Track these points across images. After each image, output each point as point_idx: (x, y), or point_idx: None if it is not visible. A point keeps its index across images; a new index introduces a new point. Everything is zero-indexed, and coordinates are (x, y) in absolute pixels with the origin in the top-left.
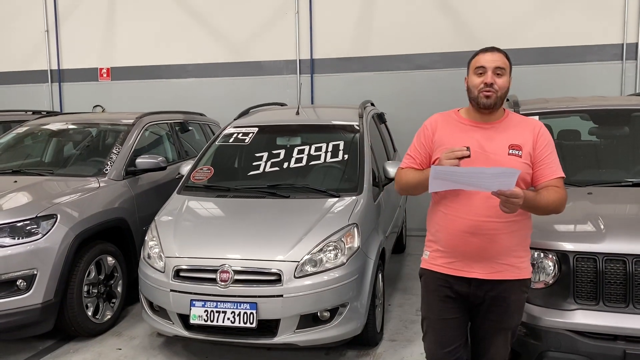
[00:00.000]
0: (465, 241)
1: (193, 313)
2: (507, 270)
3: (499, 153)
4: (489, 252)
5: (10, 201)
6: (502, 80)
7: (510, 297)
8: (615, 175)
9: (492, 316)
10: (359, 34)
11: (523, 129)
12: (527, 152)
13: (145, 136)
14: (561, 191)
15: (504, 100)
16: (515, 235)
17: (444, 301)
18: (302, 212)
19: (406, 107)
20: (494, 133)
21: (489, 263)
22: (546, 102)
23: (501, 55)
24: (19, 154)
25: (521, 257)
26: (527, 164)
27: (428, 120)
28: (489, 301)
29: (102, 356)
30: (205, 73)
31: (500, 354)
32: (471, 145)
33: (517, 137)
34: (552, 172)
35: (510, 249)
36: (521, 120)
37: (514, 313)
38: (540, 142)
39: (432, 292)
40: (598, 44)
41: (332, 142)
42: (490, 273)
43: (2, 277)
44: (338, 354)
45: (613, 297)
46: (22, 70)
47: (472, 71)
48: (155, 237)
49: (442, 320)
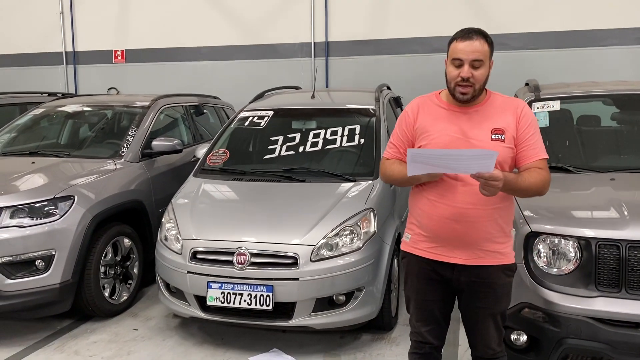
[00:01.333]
0: (448, 227)
1: (210, 295)
2: (489, 256)
3: (481, 139)
4: (471, 238)
5: (28, 182)
6: (480, 73)
7: (495, 282)
8: (639, 161)
9: (480, 302)
10: (375, 16)
11: (505, 111)
12: (510, 136)
13: (161, 119)
14: (544, 173)
15: (482, 89)
16: (497, 222)
17: (426, 282)
18: (318, 196)
19: (423, 90)
20: (476, 116)
21: (471, 249)
22: (567, 87)
23: (480, 43)
24: (35, 136)
25: (503, 243)
26: (511, 148)
27: (409, 106)
28: (474, 287)
29: (118, 336)
30: (219, 56)
31: (493, 338)
32: (453, 132)
33: (499, 121)
34: (535, 154)
35: (492, 235)
36: (503, 101)
37: (501, 297)
38: (523, 123)
39: (416, 274)
40: (619, 27)
41: (348, 126)
42: (472, 259)
43: (21, 257)
44: (353, 337)
45: (636, 284)
46: (38, 52)
47: (449, 61)
48: (172, 219)
49: (425, 301)
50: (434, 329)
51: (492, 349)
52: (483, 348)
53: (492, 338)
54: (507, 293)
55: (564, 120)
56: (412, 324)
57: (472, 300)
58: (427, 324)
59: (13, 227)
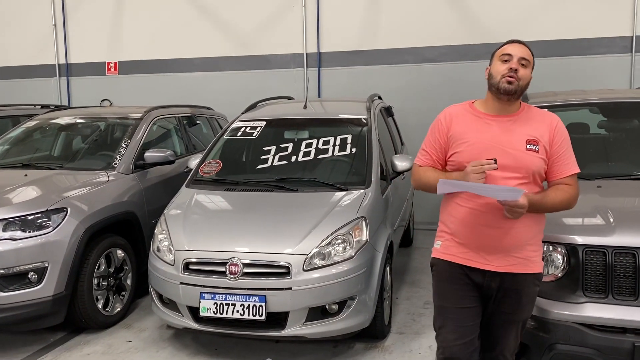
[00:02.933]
0: (481, 233)
1: (202, 305)
2: (521, 264)
3: (516, 147)
4: (503, 245)
5: (21, 195)
6: (526, 71)
7: (523, 289)
8: (625, 168)
9: (505, 308)
10: (367, 26)
11: (540, 123)
12: (542, 147)
13: (154, 130)
14: (571, 189)
15: (523, 92)
16: (530, 229)
17: (461, 289)
18: (311, 205)
19: (414, 100)
20: (511, 125)
21: (504, 256)
22: (555, 95)
23: (527, 49)
24: (28, 148)
25: (535, 251)
26: (543, 159)
27: (442, 114)
28: (502, 293)
29: (112, 348)
30: (212, 67)
31: (510, 346)
32: (488, 140)
33: (534, 131)
34: (567, 170)
35: (525, 242)
36: (538, 113)
37: (526, 305)
38: (557, 138)
39: (447, 280)
40: (607, 36)
41: (339, 135)
42: (504, 266)
43: (14, 270)
44: (346, 346)
45: (622, 290)
46: (31, 65)
47: (497, 59)
48: (165, 230)
49: (459, 309)
50: (466, 344)
51: (505, 357)
52: (498, 354)
53: (509, 345)
54: (532, 301)
55: None
56: (442, 337)
57: (498, 306)
58: (460, 337)
59: (6, 239)
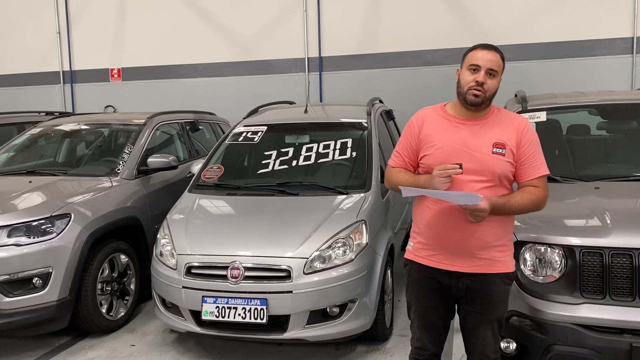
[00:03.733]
0: (447, 234)
1: (205, 309)
2: (487, 264)
3: (483, 151)
4: (469, 246)
5: (25, 201)
6: (493, 82)
7: (491, 289)
8: (623, 169)
9: (476, 308)
10: (367, 31)
11: (508, 127)
12: (509, 150)
13: (157, 136)
14: (538, 192)
15: (491, 100)
16: (495, 231)
17: (427, 290)
18: (311, 209)
19: (415, 103)
20: (480, 129)
21: (469, 256)
22: (554, 97)
23: (497, 56)
24: (33, 155)
25: (502, 252)
26: (510, 162)
27: (414, 116)
28: (471, 294)
29: (116, 352)
30: (214, 72)
31: (489, 345)
32: (456, 143)
33: (501, 135)
34: (534, 172)
35: (490, 244)
36: (507, 116)
37: (498, 304)
38: (525, 141)
39: (416, 281)
40: (608, 37)
41: (340, 139)
42: (470, 267)
43: (19, 275)
44: (348, 349)
45: (619, 291)
46: (35, 72)
47: (465, 66)
48: (167, 235)
49: (425, 308)
50: (433, 336)
51: (487, 356)
52: (479, 355)
53: (488, 345)
54: (504, 300)
55: (552, 131)
56: (413, 330)
57: (469, 306)
58: (427, 330)
59: (10, 245)
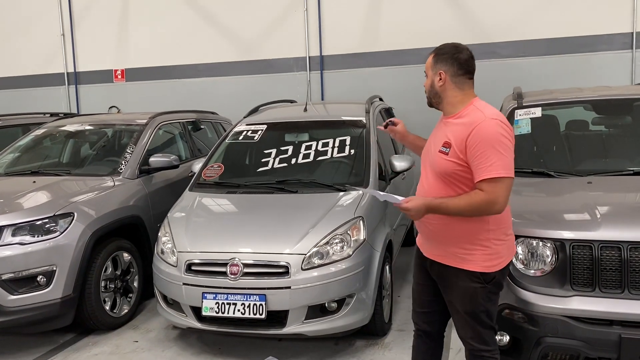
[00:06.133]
0: (425, 222)
1: (205, 305)
2: (450, 257)
3: (435, 149)
4: (434, 238)
5: (29, 200)
6: (426, 81)
7: (456, 282)
8: (617, 164)
9: (445, 296)
10: (368, 29)
11: (463, 126)
12: (454, 151)
13: (159, 135)
14: (479, 195)
15: (438, 96)
16: (454, 231)
17: (418, 267)
18: (309, 206)
19: (416, 101)
20: (442, 128)
21: (439, 246)
22: (551, 93)
23: (429, 59)
24: (37, 156)
25: (467, 250)
26: (454, 162)
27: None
28: (441, 282)
29: (119, 348)
30: (216, 72)
31: (467, 333)
32: (431, 141)
33: (451, 134)
34: (479, 174)
35: (451, 241)
36: (469, 115)
37: (464, 299)
38: (472, 142)
39: (415, 261)
40: (607, 33)
41: (339, 137)
42: (435, 255)
43: (23, 274)
44: (347, 343)
45: (609, 283)
46: (40, 74)
47: None
48: (168, 232)
49: (417, 285)
50: (425, 315)
51: (470, 345)
52: (463, 342)
53: (465, 332)
54: (472, 297)
55: (548, 127)
56: (413, 307)
57: (443, 293)
58: (419, 307)
59: (15, 244)
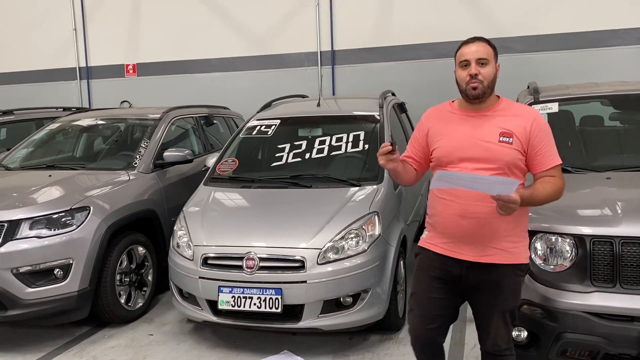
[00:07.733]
0: (457, 224)
1: (221, 299)
2: (498, 254)
3: (489, 140)
4: (479, 236)
5: (45, 194)
6: (487, 70)
7: (503, 280)
8: (636, 160)
9: (488, 299)
10: (380, 23)
11: (516, 117)
12: (517, 140)
13: (172, 130)
14: (557, 181)
15: (492, 88)
16: (507, 221)
17: (433, 280)
18: (324, 201)
19: (428, 96)
20: (486, 120)
21: (480, 246)
22: (566, 89)
23: (484, 44)
24: (52, 150)
25: (514, 243)
26: (518, 151)
27: (424, 115)
28: (482, 284)
29: (135, 341)
30: (228, 67)
31: (501, 335)
32: (462, 133)
33: (507, 124)
34: (549, 162)
35: (502, 234)
36: (517, 108)
37: (509, 296)
38: (536, 132)
39: (424, 270)
40: (623, 28)
41: (352, 132)
42: (480, 256)
43: (41, 267)
44: (361, 338)
45: (629, 279)
46: (52, 68)
47: (457, 65)
48: (184, 227)
49: (428, 298)
50: (431, 330)
51: (499, 346)
52: (491, 344)
53: (500, 335)
54: (516, 291)
55: (564, 122)
56: (411, 320)
57: (481, 296)
58: (425, 322)
59: (32, 237)
